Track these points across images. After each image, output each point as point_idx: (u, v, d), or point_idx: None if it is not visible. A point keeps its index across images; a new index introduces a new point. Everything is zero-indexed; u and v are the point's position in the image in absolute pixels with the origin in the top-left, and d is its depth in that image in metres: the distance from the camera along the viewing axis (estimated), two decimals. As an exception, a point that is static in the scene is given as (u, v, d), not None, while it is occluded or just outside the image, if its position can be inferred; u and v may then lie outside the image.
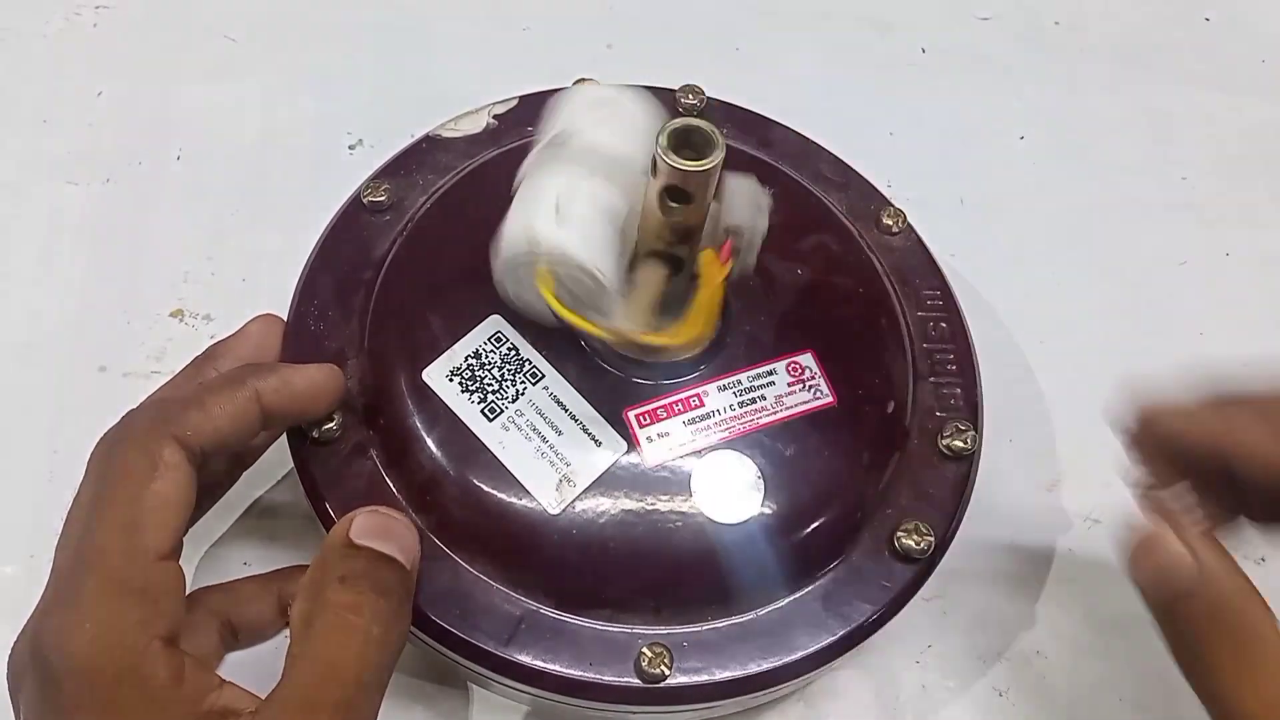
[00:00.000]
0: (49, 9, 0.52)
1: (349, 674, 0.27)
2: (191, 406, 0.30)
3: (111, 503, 0.28)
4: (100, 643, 0.26)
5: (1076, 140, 0.55)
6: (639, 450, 0.35)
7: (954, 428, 0.38)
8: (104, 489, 0.29)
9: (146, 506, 0.28)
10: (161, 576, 0.28)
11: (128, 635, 0.27)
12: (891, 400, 0.38)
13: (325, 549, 0.30)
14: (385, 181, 0.40)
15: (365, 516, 0.30)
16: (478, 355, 0.35)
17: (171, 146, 0.49)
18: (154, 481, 0.28)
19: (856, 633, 0.35)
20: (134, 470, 0.28)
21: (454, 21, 0.55)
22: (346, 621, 0.28)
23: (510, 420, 0.34)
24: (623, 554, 0.34)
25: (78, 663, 0.26)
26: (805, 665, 0.34)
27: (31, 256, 0.45)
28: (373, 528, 0.30)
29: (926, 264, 0.42)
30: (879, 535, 0.36)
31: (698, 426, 0.35)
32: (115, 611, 0.27)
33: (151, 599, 0.27)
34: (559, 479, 0.34)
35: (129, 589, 0.27)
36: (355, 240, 0.39)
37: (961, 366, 0.40)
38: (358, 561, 0.29)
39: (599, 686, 0.33)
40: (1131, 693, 0.41)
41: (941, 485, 0.37)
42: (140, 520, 0.28)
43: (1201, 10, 0.61)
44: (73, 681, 0.26)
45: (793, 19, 0.57)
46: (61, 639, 0.26)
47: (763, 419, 0.36)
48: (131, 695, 0.26)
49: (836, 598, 0.35)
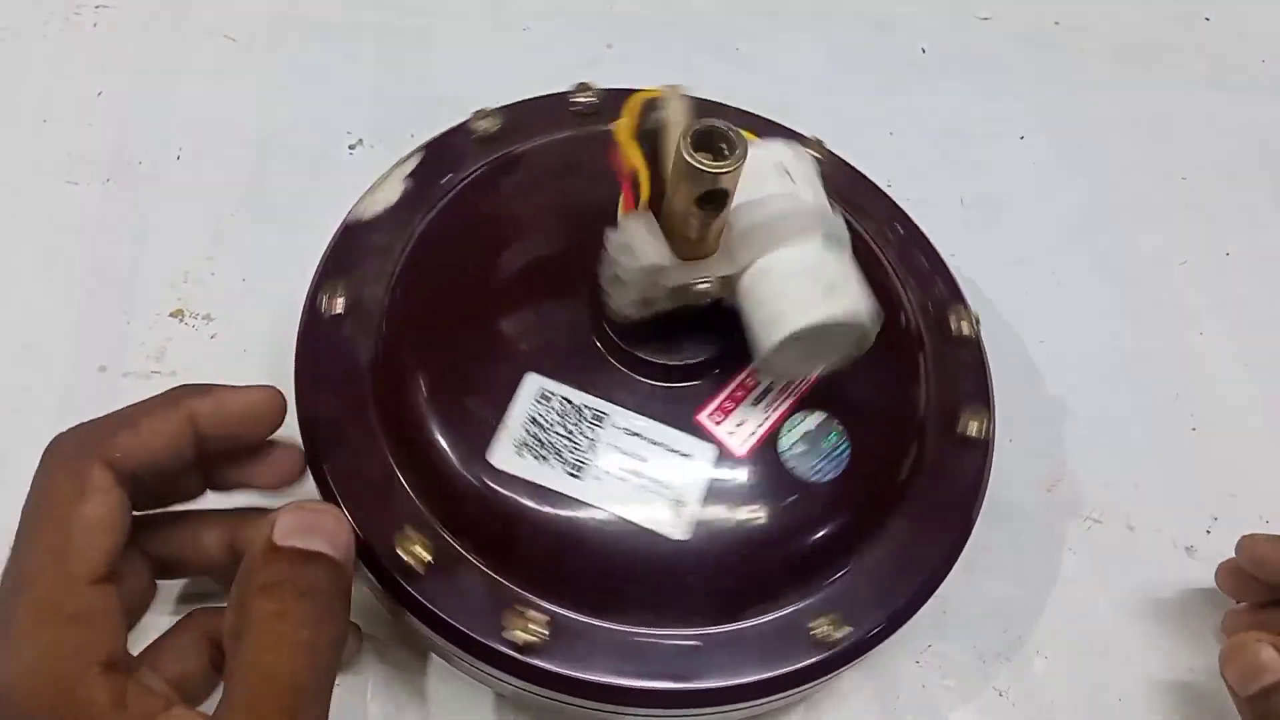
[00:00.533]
0: (49, 9, 0.52)
1: (284, 683, 0.27)
2: (122, 427, 0.29)
3: (41, 528, 0.28)
4: (36, 670, 0.26)
5: (1076, 140, 0.55)
6: (726, 446, 0.35)
7: (957, 310, 0.40)
8: (32, 515, 0.28)
9: (75, 530, 0.27)
10: (96, 600, 0.27)
11: (64, 662, 0.26)
12: (901, 311, 0.39)
13: (247, 557, 0.28)
14: (333, 286, 0.37)
15: (287, 515, 0.29)
16: (534, 420, 0.34)
17: (171, 146, 0.49)
18: (83, 504, 0.28)
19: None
20: (61, 494, 0.28)
21: (454, 21, 0.55)
22: (273, 631, 0.27)
23: (598, 470, 0.33)
24: (770, 543, 0.34)
25: (14, 694, 0.26)
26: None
27: (31, 256, 0.45)
28: (296, 526, 0.29)
29: (867, 187, 0.43)
30: (945, 425, 0.38)
31: (765, 402, 0.35)
32: (50, 638, 0.26)
33: (87, 624, 0.27)
34: (671, 504, 0.33)
35: (63, 615, 0.27)
36: (334, 355, 0.36)
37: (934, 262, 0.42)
38: (279, 566, 0.28)
39: (814, 666, 0.33)
40: (1131, 693, 0.41)
41: (955, 362, 0.40)
42: (69, 545, 0.27)
43: (1201, 10, 0.61)
44: (10, 712, 0.26)
45: (793, 19, 0.57)
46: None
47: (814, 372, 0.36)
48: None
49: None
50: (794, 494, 0.34)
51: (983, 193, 0.53)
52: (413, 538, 0.32)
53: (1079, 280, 0.51)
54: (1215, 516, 0.45)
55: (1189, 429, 0.47)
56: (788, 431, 0.35)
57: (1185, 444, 0.47)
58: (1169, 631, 0.42)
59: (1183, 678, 0.41)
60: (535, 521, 0.33)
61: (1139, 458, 0.46)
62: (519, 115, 0.41)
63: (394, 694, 0.38)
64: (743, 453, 0.35)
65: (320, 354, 0.36)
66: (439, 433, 0.34)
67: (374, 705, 0.38)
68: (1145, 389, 0.48)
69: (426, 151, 0.40)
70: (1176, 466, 0.46)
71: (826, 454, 0.35)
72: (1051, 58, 0.58)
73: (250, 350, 0.44)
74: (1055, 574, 0.43)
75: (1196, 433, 0.47)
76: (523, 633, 0.31)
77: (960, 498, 0.37)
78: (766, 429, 0.35)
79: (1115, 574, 0.43)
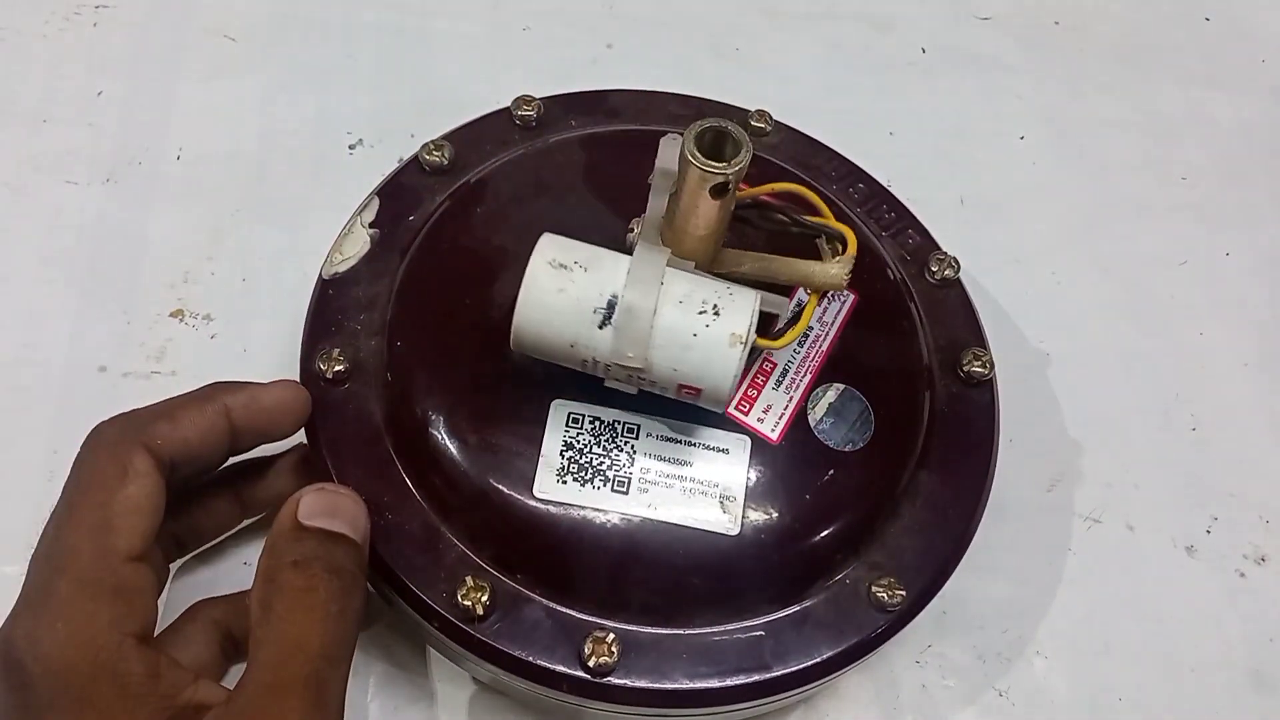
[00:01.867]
0: (49, 9, 0.52)
1: (312, 651, 0.28)
2: (161, 418, 0.31)
3: (82, 507, 0.29)
4: (73, 642, 0.26)
5: (1076, 140, 0.55)
6: (760, 433, 0.35)
7: (936, 256, 0.41)
8: (75, 495, 0.29)
9: (117, 510, 0.29)
10: (133, 576, 0.28)
11: (101, 634, 0.27)
12: (885, 266, 0.40)
13: (275, 533, 0.30)
14: (327, 349, 0.36)
15: (312, 496, 0.30)
16: (569, 445, 0.34)
17: (171, 146, 0.49)
18: (125, 487, 0.29)
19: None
20: (105, 476, 0.29)
21: (454, 21, 0.55)
22: (304, 602, 0.28)
23: (642, 482, 0.34)
24: (819, 519, 0.35)
25: (51, 663, 0.26)
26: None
27: (31, 256, 0.45)
28: (320, 507, 0.30)
29: (820, 150, 0.44)
30: (950, 369, 0.39)
31: (785, 384, 0.36)
32: (88, 611, 0.27)
33: (124, 598, 0.28)
34: (720, 501, 0.34)
35: (101, 589, 0.28)
36: (345, 421, 0.35)
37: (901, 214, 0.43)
38: (308, 543, 0.29)
39: (881, 631, 0.34)
40: (1131, 693, 0.41)
41: (944, 305, 0.41)
42: (111, 523, 0.28)
43: (1201, 10, 0.61)
44: (47, 682, 0.26)
45: (793, 19, 0.57)
46: (33, 641, 0.27)
47: (824, 344, 0.37)
48: (106, 692, 0.26)
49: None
50: (832, 467, 0.35)
51: (983, 192, 0.53)
52: (470, 584, 0.32)
53: (1079, 280, 0.51)
54: (1215, 516, 0.45)
55: (1189, 429, 0.47)
56: (813, 407, 0.36)
57: (1185, 444, 0.47)
58: (1169, 631, 0.42)
59: (1183, 678, 0.42)
60: (591, 545, 0.33)
61: (1139, 458, 0.46)
62: (466, 140, 0.41)
63: (394, 692, 0.38)
64: (776, 436, 0.35)
65: (330, 422, 0.35)
66: (478, 478, 0.34)
67: (374, 705, 0.38)
68: (1145, 389, 0.48)
69: (381, 196, 0.40)
70: (1176, 466, 0.46)
71: (853, 421, 0.36)
72: (1051, 58, 0.58)
73: (250, 350, 0.44)
74: (1055, 574, 0.43)
75: (1196, 433, 0.47)
76: (596, 656, 0.32)
77: (978, 439, 0.38)
78: (793, 409, 0.36)
79: (1115, 574, 0.43)
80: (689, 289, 0.31)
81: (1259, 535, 0.45)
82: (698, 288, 0.31)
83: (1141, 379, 0.48)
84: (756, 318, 0.31)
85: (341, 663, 0.29)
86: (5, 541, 0.39)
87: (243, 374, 0.37)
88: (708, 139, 0.30)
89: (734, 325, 0.30)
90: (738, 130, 0.30)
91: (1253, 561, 0.44)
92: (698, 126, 0.30)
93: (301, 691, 0.27)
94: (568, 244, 0.32)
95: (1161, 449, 0.46)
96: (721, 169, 0.30)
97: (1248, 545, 0.44)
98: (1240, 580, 0.44)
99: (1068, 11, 0.60)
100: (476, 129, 0.42)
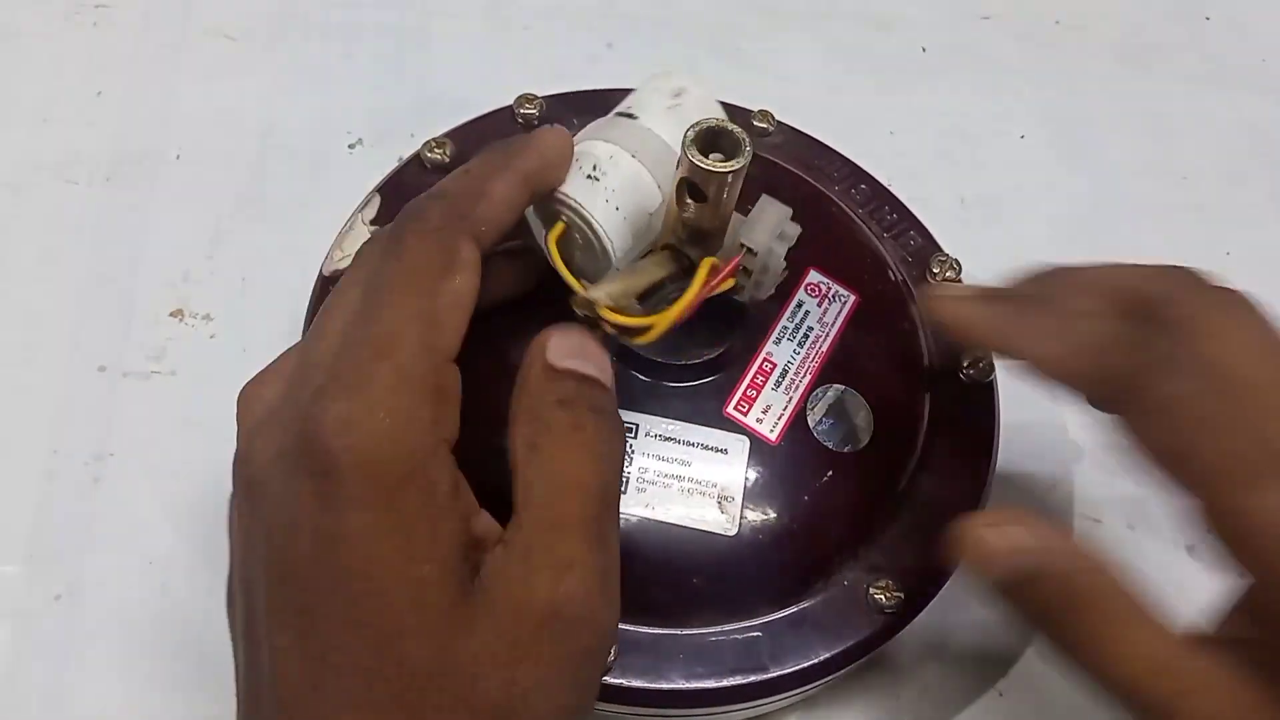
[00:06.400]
0: (49, 9, 0.52)
1: (591, 490, 0.25)
2: (479, 198, 0.27)
3: (405, 292, 0.25)
4: (393, 437, 0.23)
5: (1076, 140, 0.55)
6: (759, 434, 0.35)
7: (937, 258, 0.41)
8: (396, 277, 0.25)
9: (443, 304, 0.25)
10: (451, 379, 0.25)
11: (420, 434, 0.24)
12: (887, 268, 0.40)
13: (528, 375, 0.26)
14: None
15: (559, 337, 0.27)
16: None
17: (171, 146, 0.49)
18: (451, 279, 0.26)
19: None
20: (431, 262, 0.26)
21: (454, 21, 0.55)
22: (574, 440, 0.25)
23: (640, 481, 0.34)
24: (817, 520, 0.34)
25: (365, 454, 0.23)
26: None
27: (31, 256, 0.45)
28: (570, 349, 0.27)
29: (824, 151, 0.44)
30: (950, 371, 0.39)
31: (785, 385, 0.36)
32: (410, 407, 0.24)
33: (443, 401, 0.25)
34: (718, 502, 0.34)
35: (424, 385, 0.24)
36: None
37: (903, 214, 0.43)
38: (568, 384, 0.26)
39: (878, 633, 0.34)
40: (1131, 693, 0.41)
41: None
42: (437, 316, 0.25)
43: (1201, 10, 0.61)
44: (355, 474, 0.23)
45: (793, 19, 0.57)
46: (348, 426, 0.23)
47: (824, 345, 0.37)
48: (415, 499, 0.23)
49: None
50: (831, 468, 0.35)
51: (983, 192, 0.53)
52: None
53: (1079, 280, 0.51)
54: (1215, 516, 0.45)
55: (1189, 429, 0.47)
56: (813, 408, 0.36)
57: (1185, 444, 0.47)
58: (1169, 631, 0.42)
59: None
60: None
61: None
62: (468, 138, 0.41)
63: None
64: (775, 437, 0.35)
65: None
66: (475, 479, 0.34)
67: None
68: (1145, 389, 0.48)
69: (383, 194, 0.40)
70: (1176, 466, 0.46)
71: (853, 422, 0.36)
72: (1051, 57, 0.58)
73: (250, 350, 0.44)
74: (1055, 574, 0.43)
75: (1196, 433, 0.47)
76: None
77: (978, 441, 0.38)
78: (792, 410, 0.36)
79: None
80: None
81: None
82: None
83: (1141, 379, 0.48)
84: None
85: (615, 507, 0.26)
86: (5, 542, 0.39)
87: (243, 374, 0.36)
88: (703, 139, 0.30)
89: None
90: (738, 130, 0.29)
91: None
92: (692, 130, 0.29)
93: (582, 531, 0.24)
94: None
95: (1161, 449, 0.46)
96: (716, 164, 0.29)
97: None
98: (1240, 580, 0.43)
99: (1068, 11, 0.60)
100: (478, 127, 0.42)
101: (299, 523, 0.23)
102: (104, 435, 0.41)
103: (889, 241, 0.42)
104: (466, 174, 0.29)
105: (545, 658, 0.23)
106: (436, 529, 0.23)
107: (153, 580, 0.39)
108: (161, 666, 0.38)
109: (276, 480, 0.24)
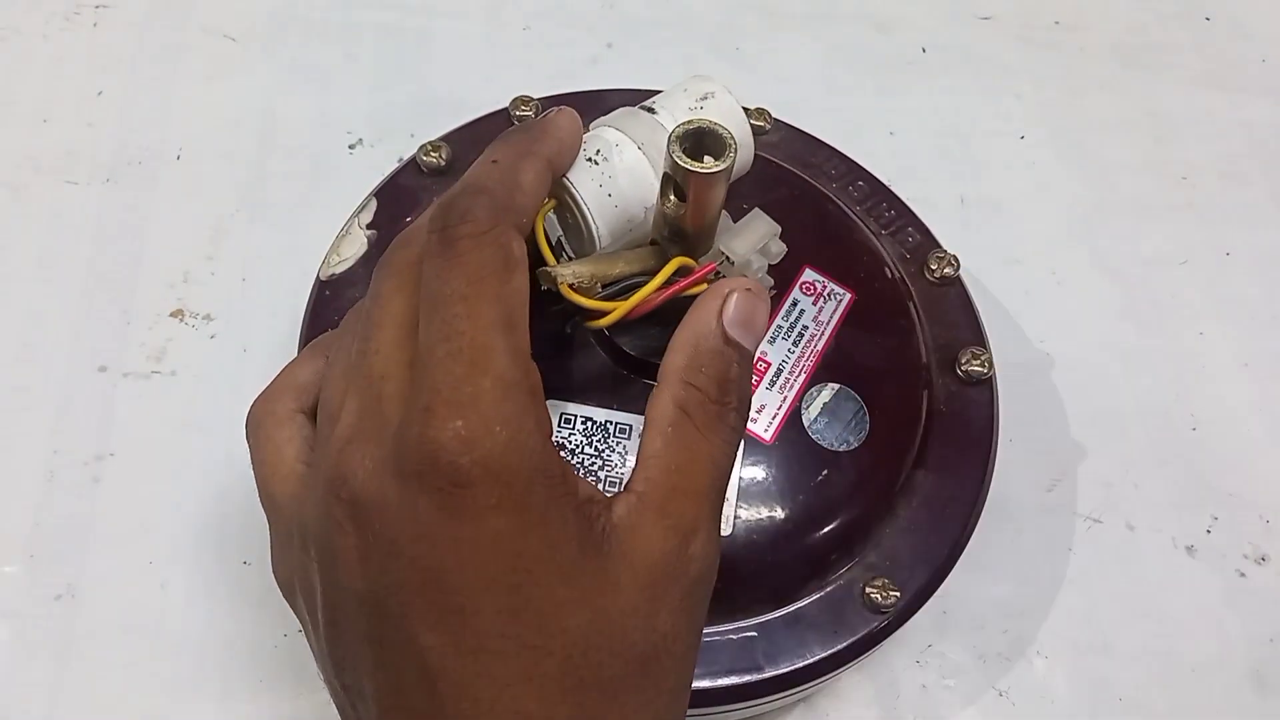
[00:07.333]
0: (49, 9, 0.52)
1: (722, 470, 0.27)
2: (514, 190, 0.28)
3: (479, 300, 0.25)
4: (512, 446, 0.25)
5: (1076, 140, 0.55)
6: (753, 433, 0.35)
7: (935, 254, 0.41)
8: (464, 286, 0.26)
9: (514, 305, 0.26)
10: (537, 377, 0.26)
11: (532, 436, 0.25)
12: (884, 265, 0.40)
13: (701, 332, 0.27)
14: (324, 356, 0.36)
15: (741, 298, 0.27)
16: (562, 446, 0.34)
17: (171, 146, 0.49)
18: (512, 278, 0.26)
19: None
20: (495, 265, 0.26)
21: (454, 21, 0.55)
22: (722, 423, 0.27)
23: None
24: (812, 520, 0.35)
25: (493, 466, 0.24)
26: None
27: (31, 256, 0.45)
28: (744, 316, 0.27)
29: (820, 148, 0.44)
30: (948, 368, 0.39)
31: (779, 384, 0.36)
32: (517, 415, 0.25)
33: (537, 398, 0.26)
34: None
35: (522, 390, 0.25)
36: None
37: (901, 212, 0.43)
38: (730, 361, 0.27)
39: (873, 632, 0.34)
40: (1131, 693, 0.41)
41: (944, 304, 0.41)
42: (512, 318, 0.26)
43: (1201, 10, 0.61)
44: (488, 483, 0.24)
45: (793, 19, 0.57)
46: (469, 444, 0.24)
47: (819, 344, 0.37)
48: (541, 495, 0.25)
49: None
50: (826, 467, 0.35)
51: (983, 192, 0.53)
52: None
53: (1079, 279, 0.51)
54: (1215, 516, 0.45)
55: (1189, 429, 0.47)
56: (807, 407, 0.36)
57: (1185, 444, 0.47)
58: (1169, 631, 0.42)
59: (1183, 678, 0.42)
60: None
61: (1139, 458, 0.46)
62: (464, 141, 0.41)
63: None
64: (770, 437, 0.35)
65: None
66: None
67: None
68: (1145, 389, 0.48)
69: (379, 197, 0.40)
70: (1176, 466, 0.46)
71: (848, 421, 0.36)
72: (1051, 58, 0.58)
73: (250, 350, 0.44)
74: (1056, 574, 0.43)
75: (1196, 433, 0.47)
76: None
77: (976, 439, 0.38)
78: (787, 409, 0.36)
79: (1115, 574, 0.43)
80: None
81: (1259, 535, 0.45)
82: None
83: (1141, 379, 0.48)
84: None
85: (726, 490, 0.28)
86: (5, 542, 0.39)
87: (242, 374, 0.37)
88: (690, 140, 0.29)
89: None
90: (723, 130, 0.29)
91: (1253, 561, 0.44)
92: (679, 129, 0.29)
93: (710, 502, 0.26)
94: None
95: (1161, 449, 0.46)
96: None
97: (1248, 545, 0.44)
98: (1240, 580, 0.44)
99: (1068, 11, 0.60)
100: (475, 130, 0.42)
101: (433, 534, 0.24)
102: (104, 435, 0.42)
103: (886, 238, 0.42)
104: (495, 164, 0.29)
105: (677, 606, 0.26)
106: (565, 513, 0.25)
107: (153, 580, 0.39)
108: (161, 666, 0.38)
109: (390, 497, 0.25)
